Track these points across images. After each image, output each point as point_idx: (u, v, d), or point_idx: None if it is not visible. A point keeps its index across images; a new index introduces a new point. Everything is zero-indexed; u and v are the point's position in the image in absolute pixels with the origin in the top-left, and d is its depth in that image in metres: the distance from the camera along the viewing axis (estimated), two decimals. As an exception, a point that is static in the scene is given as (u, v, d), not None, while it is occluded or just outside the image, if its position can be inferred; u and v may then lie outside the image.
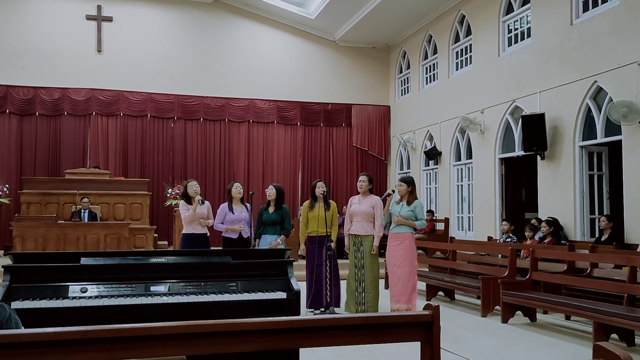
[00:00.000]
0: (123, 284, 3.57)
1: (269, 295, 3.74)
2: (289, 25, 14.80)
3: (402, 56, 14.93)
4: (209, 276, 3.77)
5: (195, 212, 6.80)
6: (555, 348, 5.52)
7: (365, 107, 15.20)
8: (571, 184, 8.93)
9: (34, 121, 13.31)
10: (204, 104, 14.19)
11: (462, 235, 11.87)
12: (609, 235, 7.86)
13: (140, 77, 13.80)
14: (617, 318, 5.22)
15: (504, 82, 10.56)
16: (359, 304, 6.73)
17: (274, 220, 6.87)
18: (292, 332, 2.08)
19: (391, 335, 2.19)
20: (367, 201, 6.83)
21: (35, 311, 3.28)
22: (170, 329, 1.95)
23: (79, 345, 1.87)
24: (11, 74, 13.07)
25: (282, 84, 14.70)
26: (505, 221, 9.49)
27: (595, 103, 8.67)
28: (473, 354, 5.20)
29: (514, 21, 10.70)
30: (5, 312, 1.86)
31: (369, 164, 15.09)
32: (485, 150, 11.08)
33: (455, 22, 12.41)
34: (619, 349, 1.55)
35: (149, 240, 11.23)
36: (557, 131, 9.20)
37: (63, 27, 13.46)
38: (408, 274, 6.50)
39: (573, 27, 8.99)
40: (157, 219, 13.21)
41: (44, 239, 10.00)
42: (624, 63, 8.00)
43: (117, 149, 13.71)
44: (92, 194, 11.55)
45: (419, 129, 13.74)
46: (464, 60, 12.25)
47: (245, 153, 14.49)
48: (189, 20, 14.34)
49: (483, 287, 7.06)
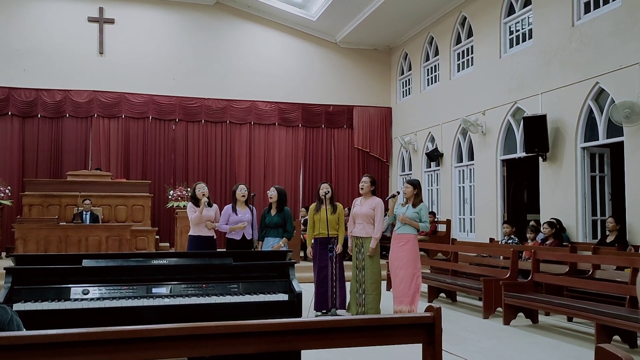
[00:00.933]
0: (125, 286, 3.57)
1: (270, 297, 3.74)
2: (291, 27, 14.81)
3: (403, 58, 14.93)
4: (210, 278, 3.77)
5: (202, 215, 6.82)
6: (557, 350, 5.51)
7: (367, 108, 15.20)
8: (573, 186, 8.92)
9: (36, 123, 13.32)
10: (205, 105, 14.20)
11: (464, 236, 11.86)
12: (615, 237, 7.84)
13: (141, 79, 13.82)
14: (620, 320, 5.20)
15: (506, 84, 10.55)
16: (359, 305, 6.75)
17: (277, 223, 6.87)
18: (294, 334, 2.08)
19: (393, 336, 2.19)
20: (368, 203, 6.85)
21: (37, 313, 3.28)
22: (172, 330, 1.95)
23: (81, 347, 1.87)
24: (13, 76, 13.09)
25: (283, 86, 14.71)
26: (506, 223, 9.48)
27: (597, 104, 8.66)
28: (475, 356, 5.19)
29: (515, 23, 10.69)
30: (7, 314, 1.86)
31: (371, 165, 15.09)
32: (487, 151, 11.08)
33: (456, 23, 12.41)
34: (621, 350, 1.55)
35: (151, 242, 11.23)
36: (559, 132, 9.20)
37: (65, 29, 13.48)
38: (410, 276, 6.51)
39: (575, 28, 8.99)
40: (159, 220, 13.21)
41: (45, 241, 10.01)
42: (626, 64, 7.99)
43: (119, 151, 13.72)
44: (94, 195, 11.56)
45: (420, 130, 13.74)
46: (466, 61, 12.25)
47: (246, 155, 14.49)
48: (190, 22, 14.36)
49: (485, 289, 7.05)
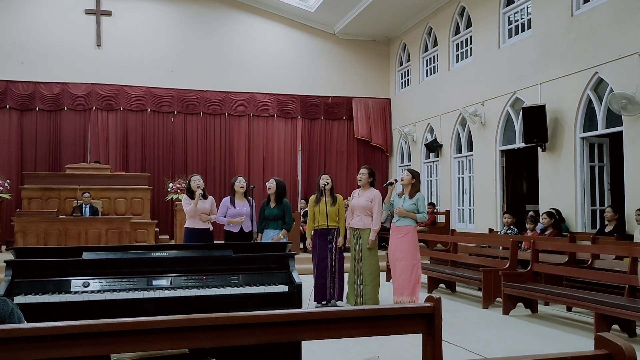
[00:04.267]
0: (125, 278, 3.57)
1: (270, 289, 3.74)
2: (289, 18, 14.76)
3: (402, 49, 14.89)
4: (210, 270, 3.78)
5: (197, 207, 6.79)
6: (556, 339, 5.54)
7: (366, 100, 15.17)
8: (572, 176, 8.92)
9: (34, 116, 13.29)
10: (204, 98, 14.17)
11: (463, 227, 11.88)
12: (613, 227, 7.85)
13: (140, 71, 13.77)
14: (618, 309, 5.23)
15: (505, 74, 10.53)
16: (357, 296, 6.76)
17: (276, 215, 6.88)
18: (294, 325, 2.08)
19: (393, 327, 2.20)
20: (366, 195, 6.84)
21: (38, 306, 3.29)
22: (173, 322, 1.95)
23: (82, 339, 1.88)
24: (11, 69, 13.05)
25: (282, 78, 14.67)
26: (507, 214, 9.48)
27: (596, 94, 8.65)
28: (474, 346, 5.21)
29: (514, 13, 10.66)
30: (7, 306, 1.87)
31: (370, 157, 15.08)
32: (486, 142, 11.07)
33: (455, 14, 12.36)
34: (620, 339, 1.55)
35: (150, 235, 11.24)
36: (558, 123, 9.19)
37: (62, 22, 13.42)
38: (410, 267, 6.52)
39: (574, 18, 8.96)
40: (158, 213, 13.21)
41: (45, 234, 10.02)
42: (625, 54, 7.97)
43: (118, 144, 13.70)
44: (93, 188, 11.54)
45: (419, 121, 13.72)
46: (464, 52, 12.22)
47: (245, 147, 14.48)
48: (188, 13, 14.30)
49: (484, 279, 7.07)
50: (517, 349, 5.19)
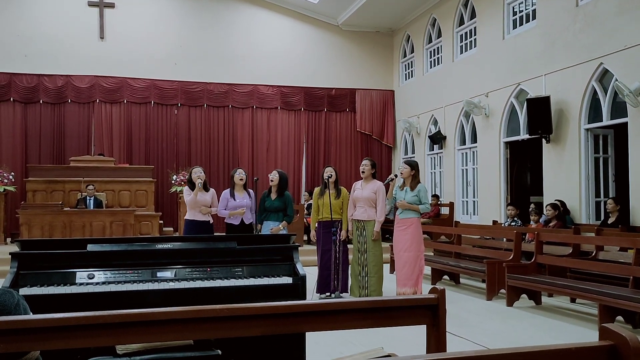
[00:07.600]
0: (130, 270, 3.58)
1: (274, 280, 3.75)
2: (292, 10, 14.70)
3: (406, 40, 14.83)
4: (214, 262, 3.78)
5: (197, 199, 6.77)
6: (560, 331, 5.54)
7: (369, 91, 15.13)
8: (577, 167, 8.89)
9: (38, 109, 13.31)
10: (207, 90, 14.16)
11: (467, 219, 11.87)
12: (616, 218, 7.84)
13: (143, 63, 13.76)
14: (623, 300, 5.23)
15: (509, 65, 10.48)
16: (362, 288, 6.77)
17: (277, 207, 6.87)
18: (298, 316, 2.09)
19: (397, 318, 2.20)
20: (370, 186, 6.84)
21: (43, 297, 3.30)
22: (177, 314, 1.96)
23: (87, 330, 1.89)
24: (14, 62, 13.05)
25: (285, 70, 14.63)
26: (511, 206, 9.47)
27: (601, 85, 8.60)
28: (478, 337, 5.22)
29: (519, 3, 10.58)
30: (13, 298, 1.87)
31: (374, 149, 15.06)
32: (490, 134, 11.04)
33: (459, 5, 12.29)
34: (625, 330, 1.55)
35: (155, 227, 11.27)
36: (563, 114, 9.15)
37: (65, 14, 13.40)
38: (414, 259, 6.53)
39: (579, 8, 8.90)
40: (162, 205, 13.25)
41: (50, 227, 10.07)
42: (630, 44, 7.91)
43: (122, 136, 13.72)
44: (97, 181, 11.58)
45: (423, 113, 13.68)
46: (469, 43, 12.15)
47: (249, 139, 14.47)
48: (191, 6, 14.26)
49: (488, 271, 7.07)
50: (521, 340, 5.19)
